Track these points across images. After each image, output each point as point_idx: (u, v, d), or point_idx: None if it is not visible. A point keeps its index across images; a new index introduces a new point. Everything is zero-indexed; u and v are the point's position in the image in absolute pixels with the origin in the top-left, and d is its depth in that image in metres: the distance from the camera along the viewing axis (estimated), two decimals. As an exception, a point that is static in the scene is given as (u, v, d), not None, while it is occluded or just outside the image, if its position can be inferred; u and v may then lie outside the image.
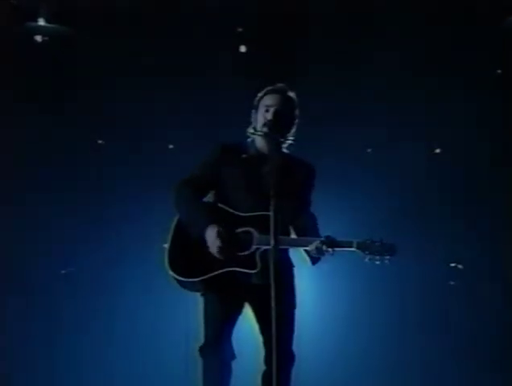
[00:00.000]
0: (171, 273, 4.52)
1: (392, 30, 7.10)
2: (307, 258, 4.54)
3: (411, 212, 7.21)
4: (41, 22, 7.28)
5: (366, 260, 4.43)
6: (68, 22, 7.29)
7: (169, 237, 4.59)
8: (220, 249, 4.43)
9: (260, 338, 4.59)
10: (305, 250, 4.50)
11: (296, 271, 4.72)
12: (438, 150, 7.44)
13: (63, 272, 7.23)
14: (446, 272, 7.37)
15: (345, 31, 7.22)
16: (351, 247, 4.45)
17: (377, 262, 4.43)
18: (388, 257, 4.43)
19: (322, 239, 4.43)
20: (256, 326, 4.65)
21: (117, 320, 7.14)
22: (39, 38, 7.35)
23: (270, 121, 4.52)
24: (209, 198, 4.74)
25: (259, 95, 4.72)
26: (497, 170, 7.28)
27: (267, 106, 4.61)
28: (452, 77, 7.13)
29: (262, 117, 4.61)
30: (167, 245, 4.57)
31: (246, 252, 4.46)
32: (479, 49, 7.10)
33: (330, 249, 4.40)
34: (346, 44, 7.23)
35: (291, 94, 4.70)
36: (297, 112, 4.70)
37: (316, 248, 4.41)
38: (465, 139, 7.18)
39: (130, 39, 7.21)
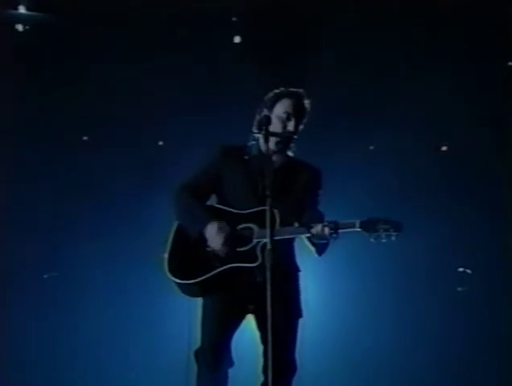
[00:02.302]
0: (170, 277, 4.40)
1: (396, 26, 7.10)
2: (313, 249, 4.38)
3: (416, 213, 6.98)
4: (22, 9, 7.10)
5: (371, 239, 4.23)
6: (51, 9, 7.09)
7: (168, 243, 4.48)
8: (223, 242, 4.33)
9: (260, 347, 4.41)
10: (308, 239, 4.34)
11: (301, 275, 4.58)
12: (444, 148, 7.37)
13: (45, 276, 7.15)
14: (453, 277, 7.34)
15: (347, 27, 7.17)
16: (354, 227, 4.25)
17: (384, 240, 4.21)
18: (395, 234, 4.22)
19: (324, 223, 4.26)
20: (257, 334, 4.47)
21: (115, 324, 7.08)
22: (19, 27, 7.17)
23: (291, 132, 4.48)
24: (212, 202, 4.66)
25: (276, 92, 4.59)
26: (506, 170, 7.18)
27: (289, 114, 4.52)
28: (461, 71, 7.09)
29: (278, 120, 4.50)
30: (166, 254, 4.46)
31: (247, 247, 4.34)
32: (488, 42, 7.05)
33: (333, 231, 4.22)
34: (349, 41, 7.21)
35: (307, 102, 4.60)
36: (305, 120, 4.61)
37: (318, 231, 4.23)
38: (475, 136, 7.14)
39: (117, 29, 7.09)
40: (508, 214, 7.14)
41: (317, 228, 4.24)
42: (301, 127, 4.57)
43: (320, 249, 4.37)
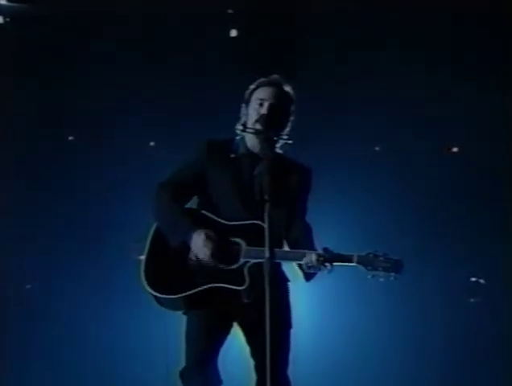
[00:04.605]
0: (147, 289, 4.19)
1: (404, 24, 7.02)
2: (301, 274, 4.21)
3: (423, 222, 7.06)
4: (2, 0, 7.01)
5: (369, 276, 4.11)
6: (34, 0, 7.03)
7: (146, 248, 4.29)
8: (210, 255, 4.11)
9: (251, 362, 4.27)
10: (298, 265, 4.17)
11: (291, 286, 4.41)
12: (455, 149, 7.27)
13: (28, 287, 7.08)
14: (466, 287, 7.19)
15: (349, 24, 7.09)
16: (351, 262, 4.11)
17: (381, 279, 4.11)
18: (393, 274, 4.10)
19: (319, 252, 4.10)
20: (246, 349, 4.32)
21: (90, 340, 6.98)
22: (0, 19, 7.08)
23: (264, 115, 4.24)
24: (193, 204, 4.44)
25: (251, 87, 4.39)
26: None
27: (261, 100, 4.31)
28: (468, 70, 7.01)
29: (254, 111, 4.30)
30: (143, 257, 4.28)
31: (233, 266, 4.14)
32: (497, 41, 6.98)
33: (328, 264, 4.07)
34: (351, 38, 7.13)
35: (288, 88, 4.39)
36: (293, 108, 4.39)
37: (312, 262, 4.08)
38: (485, 140, 7.05)
39: (104, 23, 6.99)
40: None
41: (311, 258, 4.06)
42: (292, 118, 4.33)
43: (309, 276, 4.19)
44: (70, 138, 7.20)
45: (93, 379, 6.83)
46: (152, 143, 7.26)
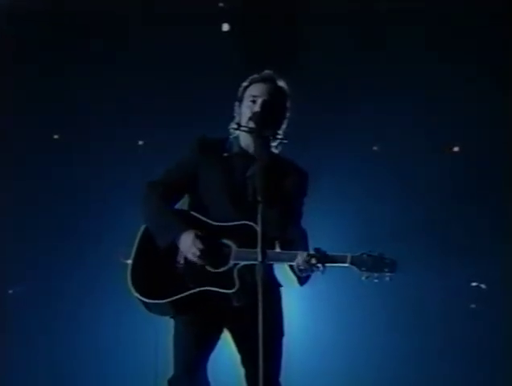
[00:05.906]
0: (134, 293, 4.11)
1: (404, 24, 7.00)
2: (294, 277, 4.09)
3: (422, 224, 6.98)
4: None
5: (363, 278, 3.99)
6: None
7: (133, 251, 4.20)
8: (200, 255, 4.03)
9: (242, 371, 4.20)
10: (291, 267, 4.05)
11: (284, 291, 4.32)
12: (456, 149, 7.18)
13: (10, 292, 7.00)
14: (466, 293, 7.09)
15: (354, 22, 7.09)
16: (344, 262, 3.98)
17: (376, 280, 3.98)
18: (388, 274, 3.96)
19: (311, 253, 3.96)
20: (237, 357, 4.24)
21: (75, 349, 6.93)
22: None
23: (257, 113, 4.14)
24: (183, 204, 4.38)
25: (244, 84, 4.32)
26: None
27: (254, 96, 4.22)
28: (470, 69, 6.94)
29: (247, 109, 4.21)
30: (129, 261, 4.19)
31: (222, 269, 4.06)
32: (494, 42, 6.94)
33: (320, 265, 3.94)
34: (352, 35, 7.09)
35: (282, 83, 4.29)
36: (288, 104, 4.29)
37: (304, 262, 3.95)
38: (485, 140, 6.99)
39: (93, 20, 6.94)
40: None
41: (303, 259, 3.95)
42: (288, 115, 4.24)
43: (303, 280, 4.08)
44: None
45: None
46: (141, 142, 7.18)
